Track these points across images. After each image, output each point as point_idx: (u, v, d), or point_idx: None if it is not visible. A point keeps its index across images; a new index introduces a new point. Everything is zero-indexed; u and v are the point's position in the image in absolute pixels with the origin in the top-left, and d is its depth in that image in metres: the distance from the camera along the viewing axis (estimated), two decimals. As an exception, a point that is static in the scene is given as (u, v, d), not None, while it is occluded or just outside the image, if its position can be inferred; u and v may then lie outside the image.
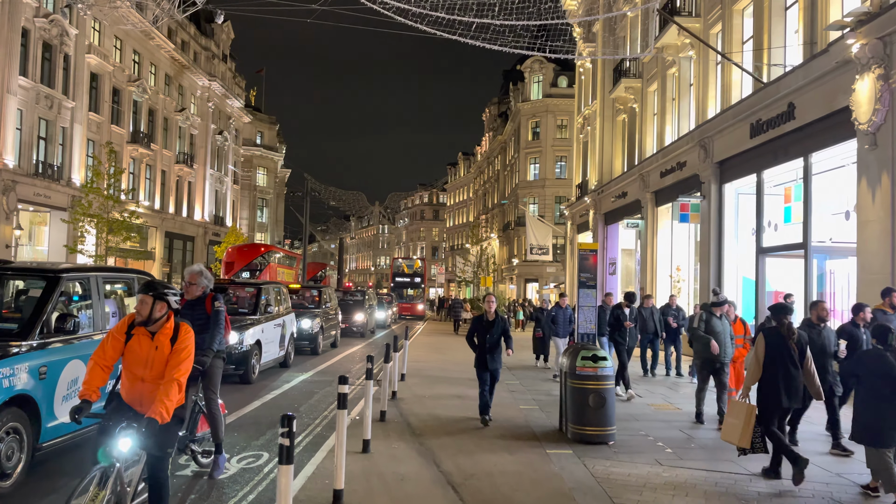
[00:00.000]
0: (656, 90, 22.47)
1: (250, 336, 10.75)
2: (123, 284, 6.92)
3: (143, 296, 3.89)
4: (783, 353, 5.96)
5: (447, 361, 15.51)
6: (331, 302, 18.14)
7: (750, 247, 16.12)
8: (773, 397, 5.92)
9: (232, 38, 51.41)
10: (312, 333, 15.33)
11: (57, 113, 28.60)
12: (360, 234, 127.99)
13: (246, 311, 11.61)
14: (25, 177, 26.46)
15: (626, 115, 25.89)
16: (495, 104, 71.28)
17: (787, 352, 5.96)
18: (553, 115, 52.44)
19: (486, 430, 7.93)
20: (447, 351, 18.68)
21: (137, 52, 36.56)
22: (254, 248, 38.38)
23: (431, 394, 10.43)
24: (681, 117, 20.26)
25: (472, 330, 8.40)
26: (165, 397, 3.66)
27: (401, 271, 45.56)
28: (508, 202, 56.79)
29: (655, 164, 21.10)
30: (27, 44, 26.66)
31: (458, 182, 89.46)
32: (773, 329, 6.19)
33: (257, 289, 12.02)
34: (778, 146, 13.89)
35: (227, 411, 6.02)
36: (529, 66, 53.49)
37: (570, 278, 33.19)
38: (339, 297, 21.22)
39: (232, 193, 52.77)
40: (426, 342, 21.99)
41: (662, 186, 20.74)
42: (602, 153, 27.90)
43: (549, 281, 51.41)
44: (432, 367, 14.11)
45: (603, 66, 27.98)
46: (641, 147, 23.58)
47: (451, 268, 77.45)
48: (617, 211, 25.98)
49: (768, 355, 5.99)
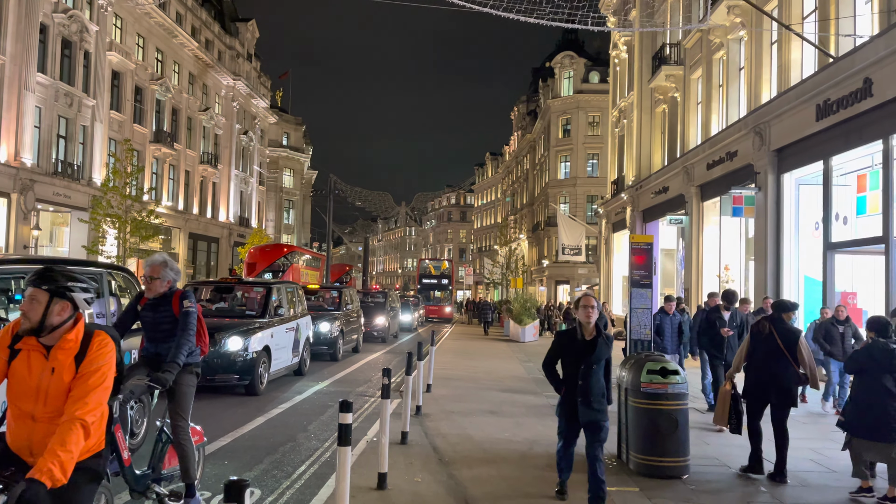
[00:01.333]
0: (701, 77, 20.88)
1: (257, 342, 9.57)
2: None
3: (34, 290, 2.61)
4: (766, 346, 6.13)
5: (477, 369, 14.18)
6: (352, 304, 16.96)
7: (812, 242, 14.52)
8: (752, 390, 6.20)
9: (257, 36, 50.83)
10: (331, 338, 14.14)
11: (77, 111, 28.03)
12: (387, 236, 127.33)
13: (253, 314, 10.44)
14: (44, 176, 25.88)
15: (666, 105, 24.30)
16: (524, 102, 69.77)
17: (772, 345, 6.09)
18: (584, 112, 50.75)
19: (530, 458, 6.59)
20: (477, 356, 17.37)
21: (160, 50, 35.99)
22: (276, 249, 37.58)
23: (461, 408, 9.14)
24: (729, 104, 18.67)
25: (556, 353, 5.21)
26: (60, 447, 2.39)
27: (427, 273, 44.26)
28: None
29: (701, 156, 19.52)
30: (46, 40, 26.10)
31: (486, 183, 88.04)
32: (758, 322, 6.40)
33: (267, 288, 10.84)
34: (851, 128, 12.29)
35: (205, 439, 4.79)
36: (560, 62, 51.91)
37: (606, 279, 31.59)
38: (359, 299, 20.04)
39: (257, 194, 52.14)
40: (454, 346, 20.70)
41: (709, 179, 19.14)
42: (640, 147, 26.32)
43: (580, 283, 49.72)
44: (461, 376, 12.82)
45: (640, 55, 26.41)
46: (684, 138, 21.98)
47: (479, 270, 76.02)
48: (657, 207, 24.38)
49: (751, 347, 6.27)
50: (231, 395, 9.53)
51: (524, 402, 9.84)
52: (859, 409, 5.49)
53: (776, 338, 6.07)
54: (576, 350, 4.98)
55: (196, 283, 12.22)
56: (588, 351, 4.93)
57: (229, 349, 9.14)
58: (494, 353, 18.54)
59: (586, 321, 4.99)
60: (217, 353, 8.99)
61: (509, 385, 11.73)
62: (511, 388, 11.30)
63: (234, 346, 9.18)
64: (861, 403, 5.49)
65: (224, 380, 9.10)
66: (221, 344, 9.09)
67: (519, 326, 23.61)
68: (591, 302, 5.02)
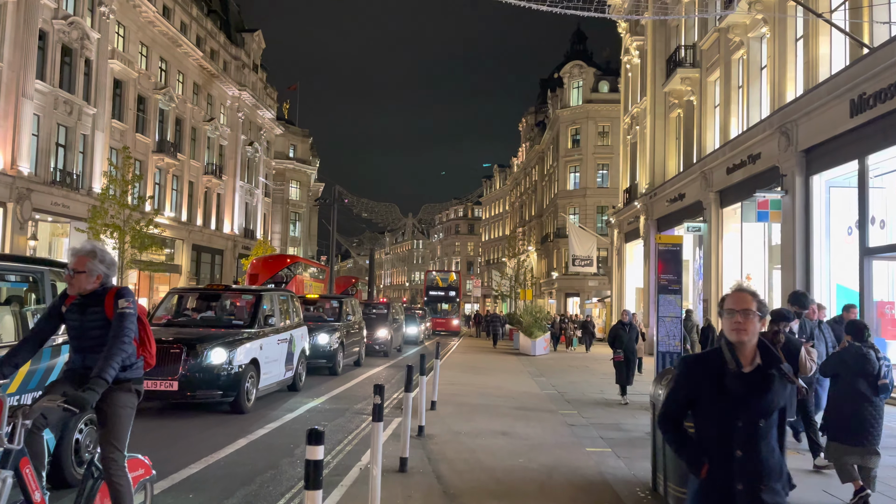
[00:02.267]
0: (718, 78, 20.02)
1: (243, 354, 8.68)
2: (20, 279, 4.85)
3: None
4: None
5: (486, 385, 13.22)
6: (354, 315, 16.05)
7: (845, 248, 13.55)
8: None
9: (263, 47, 50.47)
10: (330, 350, 13.24)
11: (77, 119, 27.47)
12: (395, 249, 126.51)
13: (241, 324, 9.57)
14: (42, 185, 25.26)
15: (681, 109, 23.43)
16: (532, 114, 69.10)
17: None
18: (594, 122, 49.94)
19: (549, 489, 5.66)
20: (485, 371, 16.41)
21: (164, 59, 35.53)
22: (279, 260, 36.88)
23: (469, 429, 8.21)
24: (750, 105, 17.78)
25: (685, 397, 2.78)
26: None
27: (434, 285, 43.28)
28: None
29: (720, 160, 18.61)
30: (45, 47, 25.59)
31: (494, 195, 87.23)
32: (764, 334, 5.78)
33: (257, 296, 9.98)
34: (890, 123, 11.37)
35: (154, 472, 3.88)
36: (569, 71, 51.22)
37: (618, 291, 30.57)
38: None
39: (263, 206, 51.51)
40: (461, 360, 19.75)
41: (730, 184, 18.21)
42: (654, 153, 25.43)
43: (591, 295, 48.63)
44: (468, 392, 11.88)
45: (654, 59, 25.61)
46: (701, 143, 21.08)
47: (487, 282, 74.99)
48: (672, 216, 23.44)
49: None
50: (214, 414, 8.65)
51: (539, 422, 8.90)
52: (836, 414, 5.46)
53: (791, 350, 5.67)
54: (725, 392, 2.64)
55: (181, 290, 11.47)
56: (751, 394, 2.63)
57: (212, 362, 8.27)
58: (504, 368, 17.58)
59: (741, 339, 2.64)
60: (198, 367, 8.13)
61: (522, 402, 10.78)
62: (524, 406, 10.35)
63: (216, 360, 8.30)
64: (837, 408, 5.46)
65: (206, 396, 8.22)
66: (204, 356, 8.22)
67: (529, 339, 22.65)
68: (746, 302, 2.65)
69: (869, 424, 5.27)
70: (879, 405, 5.36)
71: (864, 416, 5.28)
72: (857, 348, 5.44)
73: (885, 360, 5.46)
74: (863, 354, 5.37)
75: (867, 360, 5.34)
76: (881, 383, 5.32)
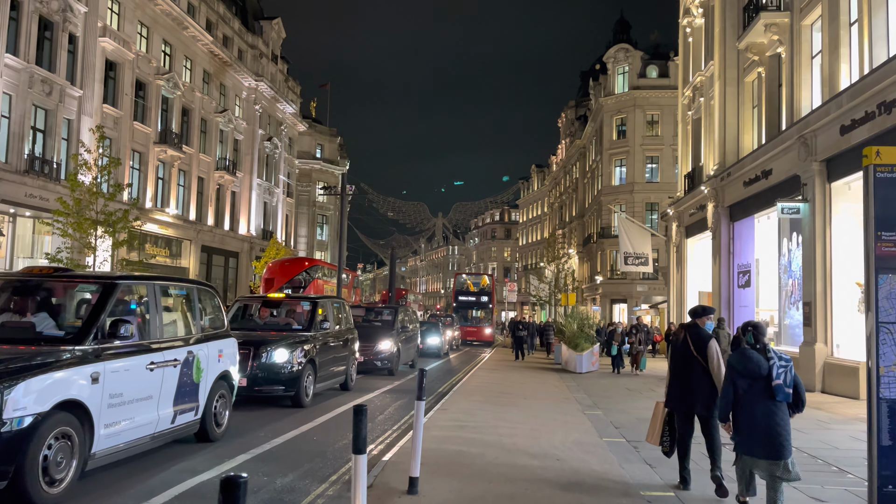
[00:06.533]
0: (820, 17, 15.56)
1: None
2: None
3: None
4: (681, 355, 5.92)
5: (514, 433, 8.60)
6: (338, 324, 11.67)
7: None
8: (670, 399, 5.98)
9: (283, 37, 47.39)
10: (290, 373, 9.20)
11: (58, 101, 24.41)
12: (430, 255, 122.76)
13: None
14: (14, 174, 22.21)
15: (762, 67, 18.92)
16: (572, 108, 64.58)
17: (686, 355, 5.85)
18: (642, 110, 45.26)
19: None
20: (515, 400, 12.03)
21: (168, 42, 32.46)
22: (297, 263, 33.29)
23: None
24: (873, 43, 13.27)
25: None
26: None
27: (465, 289, 38.84)
28: None
29: (827, 119, 14.14)
30: (18, 17, 22.61)
31: (532, 196, 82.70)
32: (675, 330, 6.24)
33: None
34: None
35: None
36: (613, 56, 46.71)
37: (677, 295, 25.94)
38: (358, 316, 14.92)
39: (284, 206, 48.24)
40: (486, 382, 15.46)
41: (843, 149, 13.72)
42: (724, 127, 20.92)
43: (639, 301, 43.86)
44: (484, 443, 7.69)
45: (723, 12, 21.15)
46: (794, 104, 16.55)
47: (524, 289, 70.44)
48: (751, 199, 18.93)
49: (671, 357, 6.12)
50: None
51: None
52: (741, 426, 4.99)
53: (689, 344, 5.85)
54: None
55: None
56: None
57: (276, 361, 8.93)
58: (542, 393, 13.35)
59: None
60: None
61: (574, 468, 6.44)
62: (580, 484, 6.00)
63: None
64: (739, 419, 5.01)
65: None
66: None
67: (574, 353, 18.31)
68: None
69: (777, 434, 4.81)
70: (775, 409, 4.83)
71: (769, 426, 4.85)
72: (741, 351, 5.10)
73: (781, 360, 4.91)
74: (741, 352, 5.07)
75: (749, 359, 4.94)
76: (775, 384, 4.82)
